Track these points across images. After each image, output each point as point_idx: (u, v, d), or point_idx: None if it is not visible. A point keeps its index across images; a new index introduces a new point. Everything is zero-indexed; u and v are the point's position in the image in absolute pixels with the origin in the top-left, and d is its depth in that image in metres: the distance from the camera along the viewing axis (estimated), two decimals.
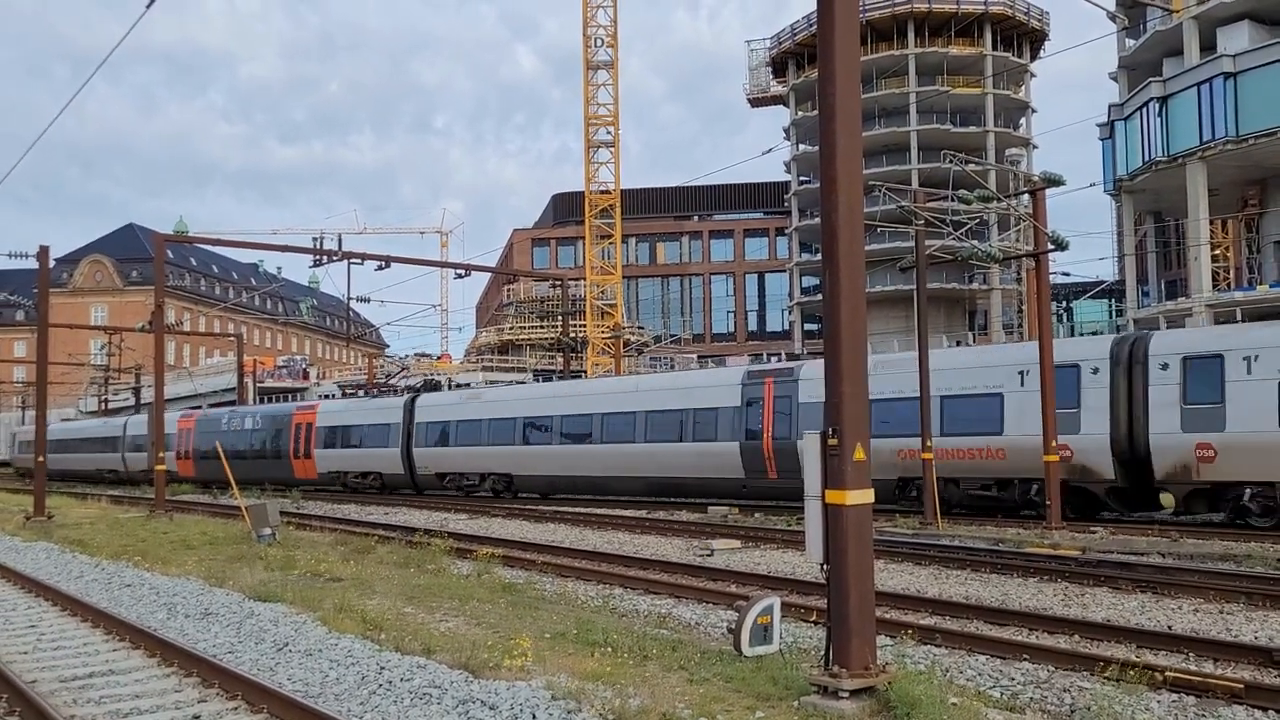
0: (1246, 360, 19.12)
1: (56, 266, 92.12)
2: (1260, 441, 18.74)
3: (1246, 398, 18.92)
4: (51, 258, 28.78)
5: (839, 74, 7.87)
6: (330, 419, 39.41)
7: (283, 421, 41.52)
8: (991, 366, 22.35)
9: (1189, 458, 19.53)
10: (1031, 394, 20.84)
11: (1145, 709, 8.06)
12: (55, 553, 19.52)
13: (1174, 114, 40.69)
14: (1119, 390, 20.85)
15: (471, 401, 34.62)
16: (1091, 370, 21.20)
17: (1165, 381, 20.04)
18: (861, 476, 7.68)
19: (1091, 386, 21.10)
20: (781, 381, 25.95)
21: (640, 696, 7.72)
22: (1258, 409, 18.76)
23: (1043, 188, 20.90)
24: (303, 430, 40.36)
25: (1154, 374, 20.29)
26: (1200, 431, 19.41)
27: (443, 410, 35.17)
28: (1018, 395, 21.73)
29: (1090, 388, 21.11)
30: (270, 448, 41.50)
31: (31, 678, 8.93)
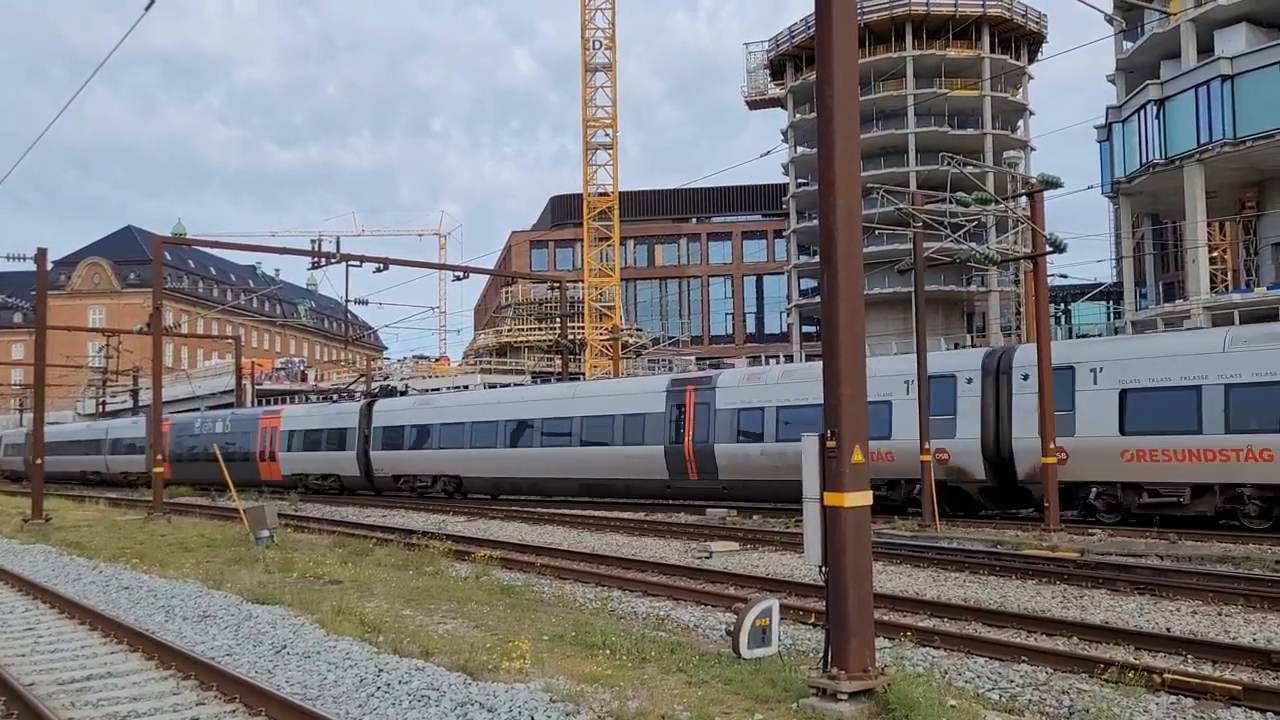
0: (1093, 372, 20.95)
1: (54, 268, 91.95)
2: (1104, 445, 20.51)
3: (1093, 406, 20.77)
4: (49, 260, 28.76)
5: (837, 76, 7.88)
6: (293, 424, 41.03)
7: (250, 425, 43.00)
8: (882, 377, 23.39)
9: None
10: (910, 401, 22.88)
11: (1144, 711, 8.07)
12: (53, 555, 19.50)
13: (1172, 116, 40.73)
14: (989, 399, 22.48)
15: (424, 407, 36.27)
16: (966, 380, 22.77)
17: (1026, 391, 21.57)
18: (860, 478, 7.67)
19: (965, 395, 22.67)
20: (701, 389, 27.76)
21: (639, 699, 7.72)
22: (1102, 416, 20.60)
23: (1040, 190, 20.92)
24: (268, 434, 41.86)
25: (1016, 384, 22.02)
26: (1085, 434, 20.82)
27: (397, 415, 36.81)
28: (904, 403, 23.21)
29: (964, 396, 22.67)
30: (239, 450, 42.58)
31: (30, 680, 8.92)
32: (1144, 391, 20.24)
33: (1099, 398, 20.81)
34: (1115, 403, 20.52)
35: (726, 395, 26.98)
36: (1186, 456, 19.52)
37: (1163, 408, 19.92)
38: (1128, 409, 20.43)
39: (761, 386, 26.57)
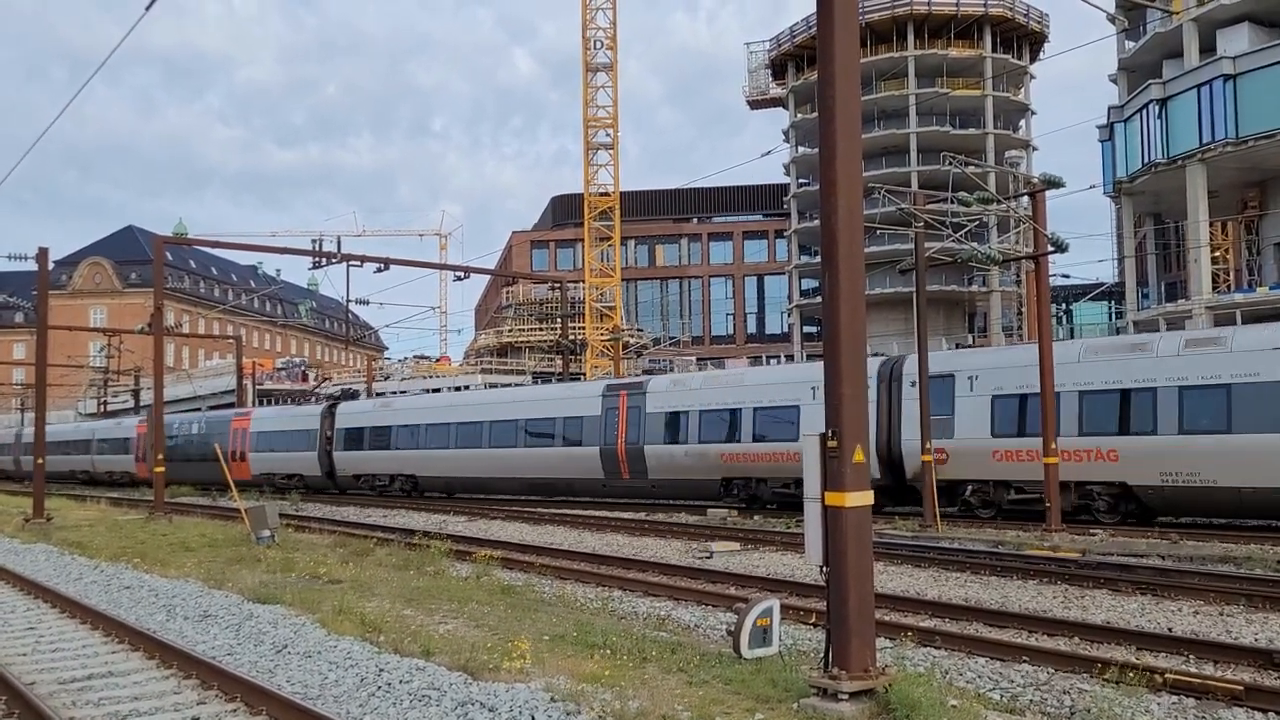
0: (970, 379, 22.85)
1: (55, 268, 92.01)
2: (977, 446, 22.42)
3: (969, 410, 22.71)
4: (50, 260, 28.78)
5: (838, 76, 7.87)
6: (261, 425, 42.79)
7: (222, 427, 44.68)
8: (791, 383, 25.80)
9: (935, 458, 22.10)
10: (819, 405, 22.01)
11: (1145, 711, 8.06)
12: (54, 554, 19.51)
13: (1174, 116, 40.70)
14: (883, 405, 24.09)
15: (382, 410, 38.23)
16: (875, 386, 24.16)
17: (912, 397, 23.07)
18: (861, 478, 7.67)
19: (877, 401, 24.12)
20: (633, 394, 29.55)
21: (639, 699, 7.71)
22: (976, 420, 22.51)
23: (1042, 189, 20.91)
24: (239, 435, 43.46)
25: (905, 391, 23.69)
26: (936, 438, 22.31)
27: (357, 418, 38.75)
28: (811, 407, 24.79)
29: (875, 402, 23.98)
30: (206, 451, 43.19)
31: (31, 679, 8.92)
32: (1012, 397, 22.04)
33: (974, 403, 22.65)
34: (988, 408, 22.39)
35: (655, 400, 28.79)
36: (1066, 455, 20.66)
37: (1027, 412, 21.58)
38: (997, 414, 22.23)
39: (686, 392, 28.34)
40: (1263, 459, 18.35)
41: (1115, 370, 20.72)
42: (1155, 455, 19.86)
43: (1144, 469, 20.11)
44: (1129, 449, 20.27)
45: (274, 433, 41.99)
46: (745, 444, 26.39)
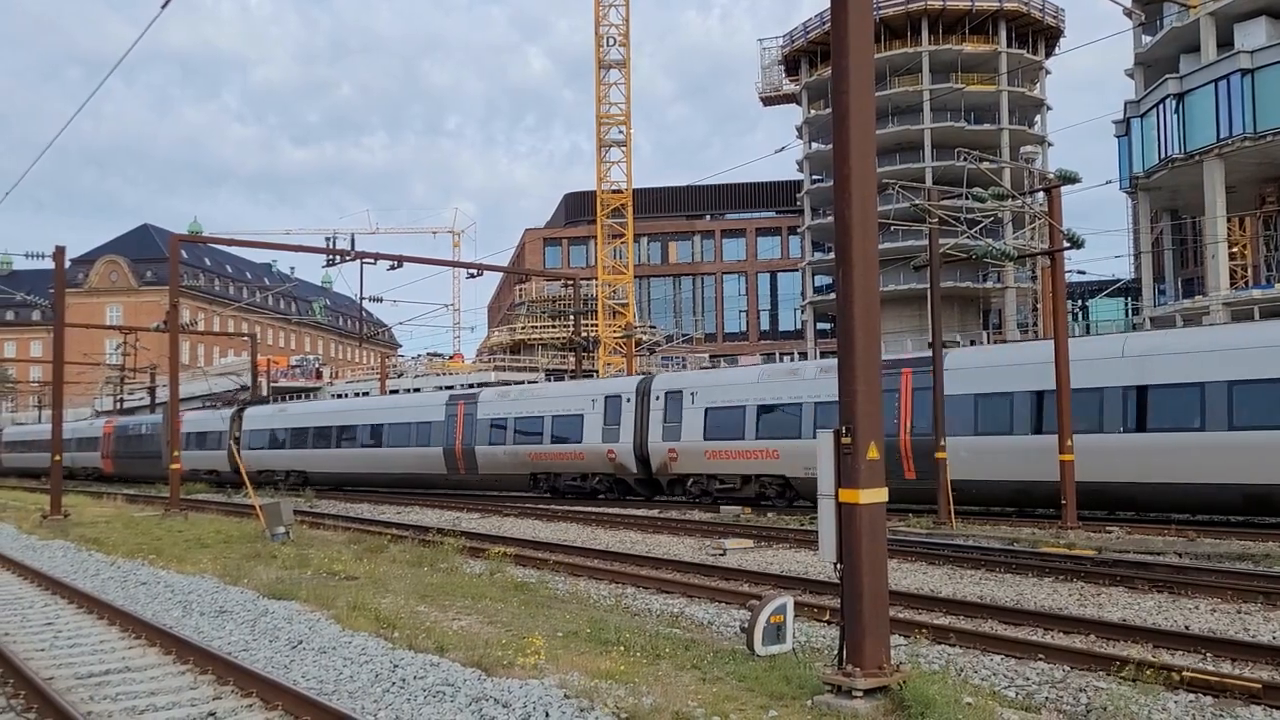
0: (692, 395, 28.38)
1: (72, 267, 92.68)
2: (696, 447, 27.97)
3: (691, 420, 28.14)
4: (67, 258, 28.96)
5: (853, 71, 7.84)
6: (188, 426, 46.93)
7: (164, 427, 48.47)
8: (578, 396, 31.44)
9: (665, 458, 28.73)
10: (597, 414, 30.49)
11: (1162, 709, 8.02)
12: (72, 551, 19.64)
13: (1191, 111, 40.43)
14: (638, 414, 29.53)
15: (279, 414, 43.39)
16: (626, 400, 29.97)
17: (657, 409, 29.07)
18: (875, 475, 7.64)
19: (626, 411, 29.86)
20: (469, 403, 34.61)
21: (653, 695, 7.71)
22: (696, 427, 27.98)
23: (1058, 185, 20.80)
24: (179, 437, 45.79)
25: (652, 403, 29.30)
26: (671, 441, 28.45)
27: (259, 421, 43.92)
28: (591, 416, 30.54)
29: (625, 412, 29.86)
30: (152, 450, 48.19)
31: (49, 674, 8.98)
32: (718, 409, 27.69)
33: (694, 414, 28.16)
34: (702, 418, 27.88)
35: (485, 408, 33.81)
36: (737, 455, 27.02)
37: (726, 421, 27.35)
38: (708, 422, 27.76)
39: (507, 401, 33.56)
40: None
41: (780, 389, 26.53)
42: (801, 454, 25.01)
43: (795, 465, 25.58)
44: (786, 449, 25.78)
45: (196, 434, 46.73)
46: (546, 445, 31.91)
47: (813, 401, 25.36)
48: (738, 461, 26.97)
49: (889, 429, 23.49)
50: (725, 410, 27.39)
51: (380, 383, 60.72)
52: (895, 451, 23.61)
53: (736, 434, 26.96)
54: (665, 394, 29.01)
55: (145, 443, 50.18)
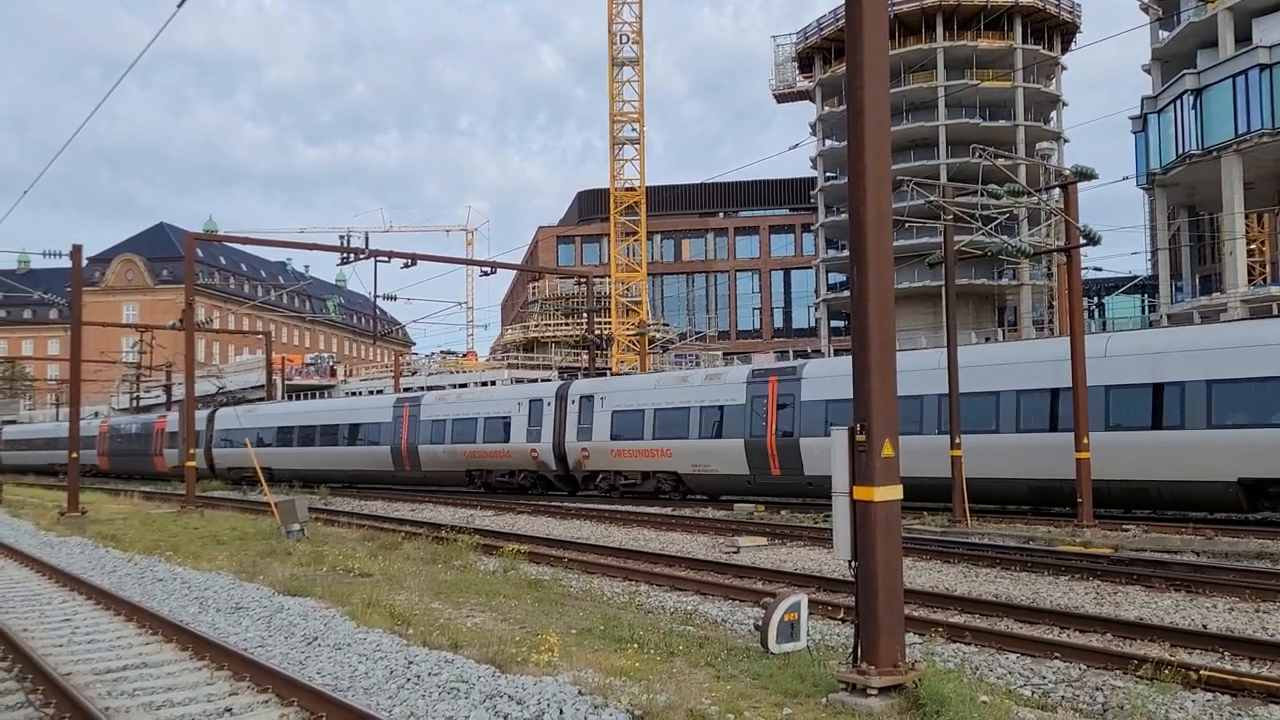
0: (602, 399, 31.09)
1: (89, 266, 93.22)
2: (605, 446, 30.75)
3: (601, 421, 30.84)
4: (84, 257, 29.13)
5: (867, 68, 7.82)
6: (168, 427, 50.02)
7: (150, 427, 52.75)
8: (506, 400, 34.60)
9: (580, 457, 31.58)
10: (523, 416, 33.31)
11: (1179, 708, 7.97)
12: (89, 547, 19.77)
13: (1209, 106, 40.13)
14: (558, 416, 32.22)
15: (247, 415, 45.87)
16: (547, 403, 32.63)
17: (573, 412, 31.81)
18: (890, 473, 7.62)
19: (547, 414, 32.53)
20: (413, 405, 37.75)
21: (667, 692, 7.71)
22: (605, 428, 30.71)
23: (1074, 182, 20.68)
24: (160, 435, 51.13)
25: (569, 407, 32.01)
26: (584, 441, 31.17)
27: (229, 421, 46.36)
28: (518, 418, 33.44)
29: (546, 414, 32.55)
30: (141, 447, 52.81)
31: (67, 670, 9.05)
32: (623, 413, 30.37)
33: (603, 416, 30.79)
34: (610, 420, 30.62)
35: (427, 410, 36.86)
36: (638, 454, 29.92)
37: (630, 423, 30.10)
38: (615, 424, 30.44)
39: (446, 404, 36.49)
40: (733, 455, 27.48)
41: (673, 395, 29.34)
42: (690, 453, 28.45)
43: (685, 462, 28.72)
44: (677, 449, 28.88)
45: (173, 434, 49.25)
46: (479, 444, 34.60)
47: (698, 406, 28.59)
48: (639, 459, 30.13)
49: (759, 431, 27.20)
50: (628, 413, 30.31)
51: (394, 381, 60.91)
52: (764, 451, 26.77)
53: (637, 435, 29.92)
54: (580, 398, 31.89)
55: (137, 441, 53.75)
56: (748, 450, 27.05)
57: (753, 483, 27.30)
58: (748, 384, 27.58)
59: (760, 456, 26.77)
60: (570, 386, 32.76)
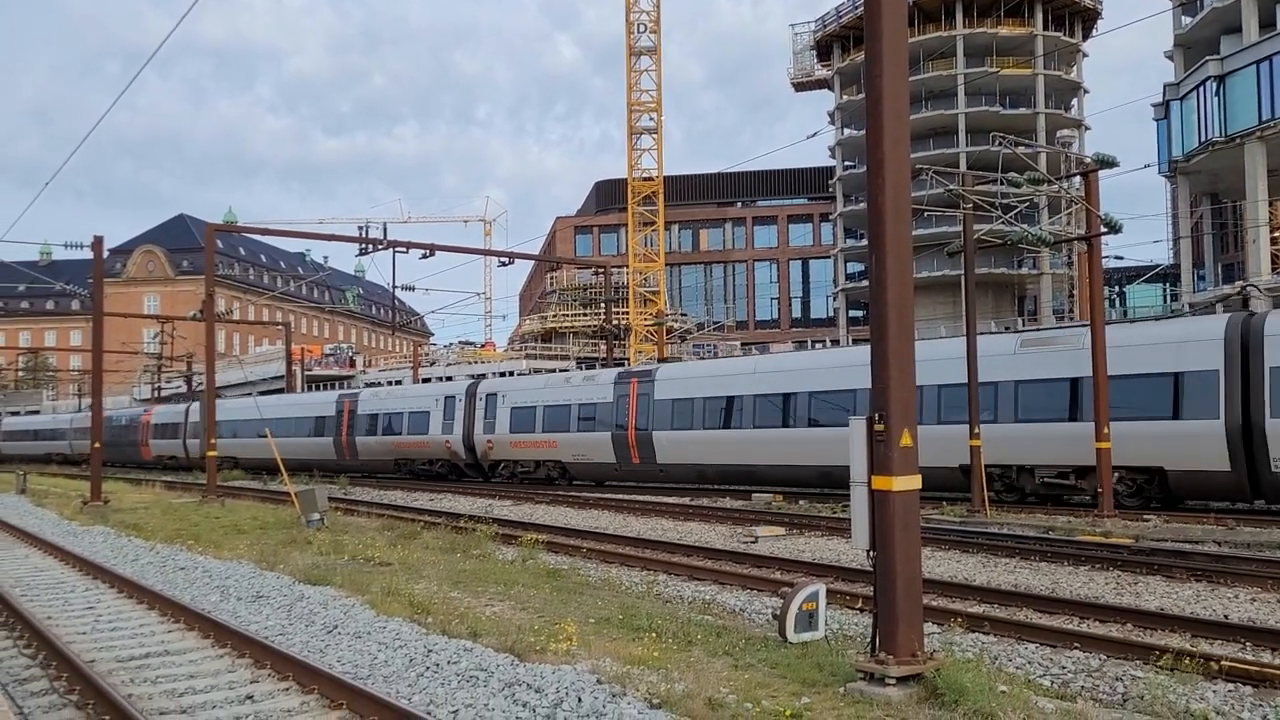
0: (504, 396, 35.14)
1: (110, 257, 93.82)
2: (506, 439, 34.89)
3: (503, 417, 34.92)
4: (105, 248, 29.32)
5: (886, 56, 7.77)
6: (158, 418, 55.63)
7: (137, 420, 58.67)
8: (426, 396, 38.77)
9: (485, 447, 35.70)
10: (440, 412, 37.28)
11: (1200, 699, 7.92)
12: (112, 536, 19.95)
13: (1232, 93, 39.65)
14: (467, 411, 36.47)
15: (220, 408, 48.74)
16: (460, 400, 36.79)
17: (480, 408, 35.90)
18: (909, 462, 7.59)
19: (458, 410, 36.71)
20: (352, 401, 42.15)
21: (685, 681, 7.72)
22: (506, 422, 34.77)
23: (1095, 169, 20.51)
24: (145, 427, 56.70)
25: (478, 404, 36.06)
26: (489, 433, 35.41)
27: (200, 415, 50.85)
28: (436, 412, 37.54)
29: (458, 410, 36.75)
30: (129, 438, 58.47)
31: (90, 658, 9.14)
32: (520, 409, 34.40)
33: (505, 412, 34.93)
34: (510, 416, 34.61)
35: (364, 405, 41.27)
36: (534, 445, 33.81)
37: (525, 419, 34.07)
38: (513, 419, 34.47)
39: (379, 400, 41.01)
40: (603, 446, 31.52)
41: (559, 394, 33.29)
42: (570, 444, 32.56)
43: (567, 452, 32.94)
44: (561, 440, 32.88)
45: (161, 425, 54.94)
46: (404, 436, 38.68)
47: (577, 404, 32.52)
48: (532, 450, 34.13)
49: (622, 425, 31.11)
50: (524, 410, 34.26)
51: (413, 371, 61.15)
52: (626, 442, 30.99)
53: (530, 429, 33.91)
54: (486, 396, 35.85)
55: (125, 432, 59.04)
56: (614, 442, 31.19)
57: (619, 469, 31.51)
58: (614, 385, 31.69)
59: (623, 447, 30.92)
60: (479, 386, 37.00)
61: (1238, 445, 19.35)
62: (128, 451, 58.07)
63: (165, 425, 54.21)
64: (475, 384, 37.22)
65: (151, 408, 58.70)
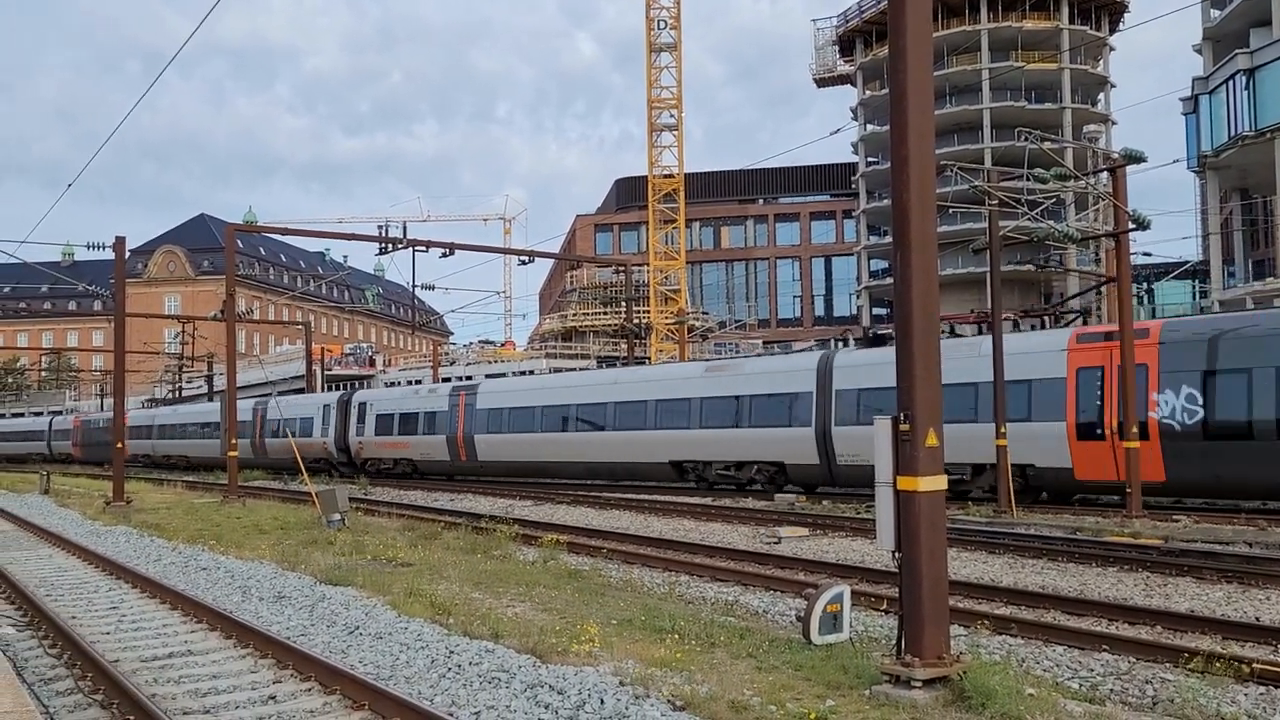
0: (371, 405, 41.31)
1: (131, 257, 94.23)
2: (372, 441, 40.65)
3: (370, 422, 40.86)
4: (127, 249, 29.50)
5: (910, 51, 7.66)
6: (133, 420, 58.79)
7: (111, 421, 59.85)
8: (312, 404, 44.58)
9: (356, 448, 41.74)
10: (321, 417, 43.44)
11: (1231, 701, 7.79)
12: (134, 536, 20.07)
13: (1262, 86, 39.13)
14: (340, 417, 42.41)
15: (174, 413, 57.87)
16: (336, 408, 42.87)
17: (354, 414, 41.88)
18: (934, 462, 7.49)
19: (334, 416, 42.69)
20: (264, 408, 47.65)
21: (709, 683, 7.66)
22: (372, 426, 40.60)
23: (1123, 165, 20.26)
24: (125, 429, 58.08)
25: (351, 411, 42.12)
26: (359, 436, 41.35)
27: (161, 418, 58.75)
28: (319, 418, 43.36)
29: (334, 416, 42.73)
30: (107, 439, 60.59)
31: (114, 657, 9.16)
32: (382, 415, 40.21)
33: (371, 418, 40.60)
34: (375, 421, 40.56)
35: (270, 411, 46.67)
36: (392, 446, 39.35)
37: (385, 424, 39.89)
38: (377, 424, 40.37)
39: (281, 406, 46.13)
40: (441, 447, 37.45)
41: (412, 403, 39.43)
42: (420, 445, 38.37)
43: (416, 452, 38.68)
44: (413, 442, 38.63)
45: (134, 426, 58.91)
46: (297, 438, 41.85)
47: (423, 412, 38.50)
48: (391, 450, 39.88)
49: (454, 430, 36.98)
50: (385, 416, 40.24)
51: (433, 370, 61.34)
52: (456, 444, 36.71)
53: (390, 432, 39.55)
54: (358, 404, 42.06)
55: (106, 434, 62.55)
56: (448, 443, 37.14)
57: (453, 465, 37.55)
58: (449, 396, 37.79)
59: (455, 447, 36.97)
60: (353, 396, 43.62)
61: (822, 445, 25.93)
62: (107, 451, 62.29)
63: (137, 427, 59.72)
64: (350, 394, 43.81)
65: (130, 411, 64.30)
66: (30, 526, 22.18)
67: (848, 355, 26.23)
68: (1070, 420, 21.15)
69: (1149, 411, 20.12)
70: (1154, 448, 19.96)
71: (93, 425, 66.02)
